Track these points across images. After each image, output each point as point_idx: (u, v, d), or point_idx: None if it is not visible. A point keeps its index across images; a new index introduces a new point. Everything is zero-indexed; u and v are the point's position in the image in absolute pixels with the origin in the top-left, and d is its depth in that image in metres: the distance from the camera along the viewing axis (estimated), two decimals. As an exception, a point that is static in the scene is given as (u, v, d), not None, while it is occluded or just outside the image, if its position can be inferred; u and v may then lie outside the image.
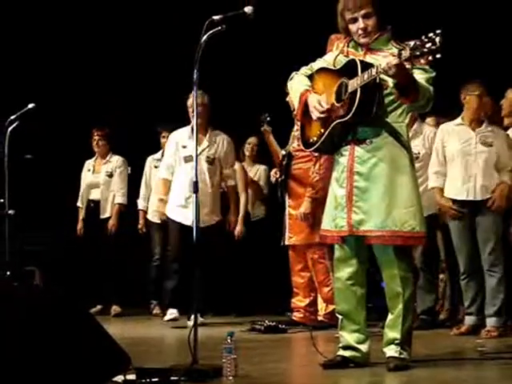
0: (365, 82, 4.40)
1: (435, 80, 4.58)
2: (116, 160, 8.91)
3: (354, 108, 4.47)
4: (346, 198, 4.60)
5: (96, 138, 8.87)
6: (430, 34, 4.14)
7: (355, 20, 4.61)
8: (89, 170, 8.96)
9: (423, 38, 4.16)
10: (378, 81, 4.46)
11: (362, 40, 4.64)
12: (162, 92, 9.44)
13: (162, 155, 8.65)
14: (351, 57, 4.62)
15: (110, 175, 8.84)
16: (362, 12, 4.58)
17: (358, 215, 4.58)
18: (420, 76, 4.50)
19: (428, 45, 4.13)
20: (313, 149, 4.83)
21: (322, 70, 4.76)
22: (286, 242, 7.08)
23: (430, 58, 4.16)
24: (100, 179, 8.84)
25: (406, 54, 4.23)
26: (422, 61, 4.27)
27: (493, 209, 6.28)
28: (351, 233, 4.60)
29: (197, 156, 4.84)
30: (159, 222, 8.23)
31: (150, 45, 9.57)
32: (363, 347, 4.68)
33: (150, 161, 8.96)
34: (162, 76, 9.39)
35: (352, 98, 4.49)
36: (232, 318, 8.00)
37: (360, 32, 4.61)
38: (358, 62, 4.47)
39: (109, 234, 8.63)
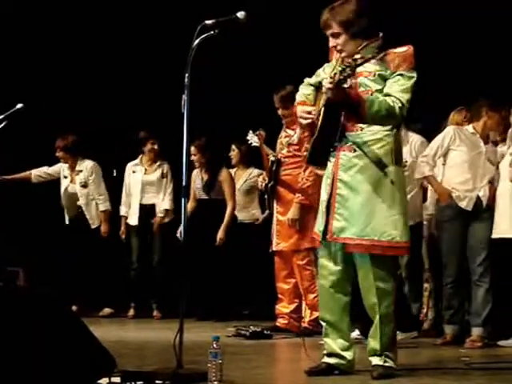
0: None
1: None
2: (86, 167, 8.73)
3: (318, 128, 4.58)
4: (327, 204, 4.64)
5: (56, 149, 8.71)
6: (349, 60, 4.36)
7: (328, 38, 4.69)
8: (65, 177, 8.79)
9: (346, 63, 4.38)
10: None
11: (341, 55, 4.64)
12: (152, 95, 9.42)
13: (141, 160, 8.75)
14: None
15: (85, 185, 8.73)
16: (329, 32, 4.66)
17: (339, 222, 4.59)
18: (395, 85, 4.52)
19: (347, 70, 4.30)
20: (306, 161, 5.06)
21: None
22: (274, 248, 7.08)
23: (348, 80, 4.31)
24: (77, 191, 8.72)
25: (337, 77, 4.36)
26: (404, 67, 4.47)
27: None
28: (332, 240, 4.61)
29: (187, 160, 4.75)
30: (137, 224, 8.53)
31: (143, 45, 9.52)
32: (348, 354, 4.67)
33: (129, 167, 8.87)
34: (154, 78, 9.34)
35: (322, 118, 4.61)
36: (213, 323, 7.93)
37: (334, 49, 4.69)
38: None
39: (101, 240, 8.60)
